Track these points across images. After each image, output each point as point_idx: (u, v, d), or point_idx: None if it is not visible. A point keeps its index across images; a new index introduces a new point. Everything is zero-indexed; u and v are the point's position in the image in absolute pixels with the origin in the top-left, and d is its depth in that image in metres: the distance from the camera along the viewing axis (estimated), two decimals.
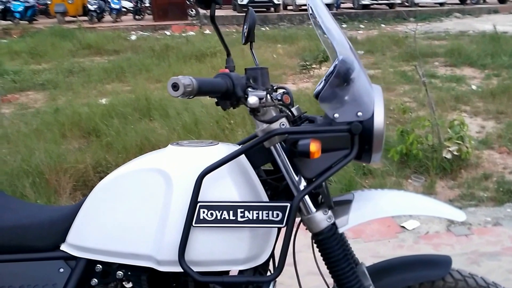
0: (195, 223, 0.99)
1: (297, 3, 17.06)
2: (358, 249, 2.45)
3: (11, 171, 3.05)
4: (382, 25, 14.17)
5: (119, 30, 13.60)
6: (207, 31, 13.35)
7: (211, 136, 3.89)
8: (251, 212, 0.99)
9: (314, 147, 0.95)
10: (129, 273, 1.06)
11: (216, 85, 0.93)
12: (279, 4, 17.46)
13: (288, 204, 1.00)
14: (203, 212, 0.99)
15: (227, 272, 1.06)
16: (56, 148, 3.57)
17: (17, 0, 16.53)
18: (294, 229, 1.11)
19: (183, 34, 12.20)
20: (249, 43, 1.23)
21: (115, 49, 10.23)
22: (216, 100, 1.04)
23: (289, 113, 1.07)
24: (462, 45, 8.71)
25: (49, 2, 17.46)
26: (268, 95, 1.00)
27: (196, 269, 0.99)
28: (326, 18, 1.08)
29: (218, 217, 0.99)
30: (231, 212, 0.99)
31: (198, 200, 0.99)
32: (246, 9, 1.18)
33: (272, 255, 1.09)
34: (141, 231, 1.02)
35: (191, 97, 0.86)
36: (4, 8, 16.27)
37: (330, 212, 1.04)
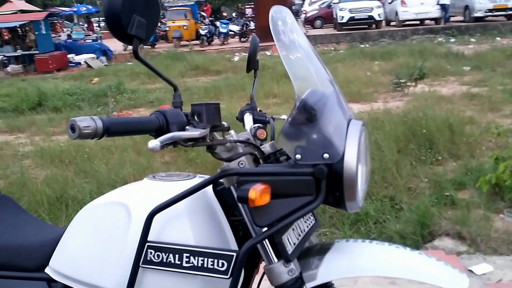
0: (142, 264, 0.95)
1: (400, 19, 16.39)
2: None
3: (103, 180, 3.51)
4: (497, 39, 12.86)
5: (224, 52, 14.53)
6: None
7: None
8: (196, 258, 0.92)
9: (254, 194, 0.83)
10: None
11: (141, 124, 0.86)
12: (381, 20, 16.96)
13: (234, 254, 0.91)
14: (151, 253, 0.95)
15: None
16: (145, 161, 4.00)
17: None
18: (258, 278, 1.05)
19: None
20: (253, 71, 1.24)
21: (218, 70, 10.96)
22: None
23: (254, 150, 0.99)
24: None
25: (167, 29, 19.41)
26: (232, 132, 0.97)
27: None
28: (298, 44, 1.01)
29: (164, 260, 0.94)
30: (177, 256, 0.93)
31: (149, 239, 0.95)
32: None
33: None
34: (103, 264, 1.01)
35: (97, 138, 0.79)
36: None
37: (292, 265, 0.93)
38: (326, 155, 0.88)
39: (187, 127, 0.91)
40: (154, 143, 0.81)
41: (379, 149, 3.82)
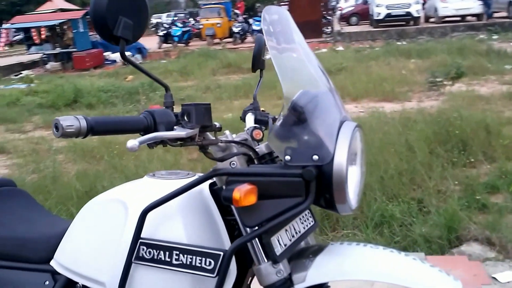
0: (134, 260, 0.98)
1: (439, 15, 15.83)
2: None
3: (131, 176, 3.58)
4: None
5: None
6: (340, 48, 13.36)
7: None
8: (185, 256, 0.94)
9: (238, 194, 0.85)
10: None
11: (128, 124, 0.87)
12: (419, 17, 16.44)
13: (221, 253, 0.92)
14: (143, 249, 0.97)
15: None
16: (173, 158, 4.05)
17: (176, 26, 19.12)
18: (249, 278, 1.05)
19: (315, 52, 12.42)
20: (259, 70, 1.25)
21: (250, 68, 10.94)
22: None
23: (249, 151, 1.00)
24: None
25: (201, 27, 19.68)
26: (227, 133, 0.98)
27: None
28: (293, 44, 1.00)
29: (155, 257, 0.96)
30: (167, 253, 0.95)
31: (142, 236, 0.97)
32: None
33: None
34: (101, 258, 1.04)
35: (81, 137, 0.81)
36: (166, 33, 18.91)
37: (281, 266, 0.93)
38: (315, 157, 0.87)
39: (175, 127, 0.91)
40: (132, 142, 0.82)
41: (409, 150, 3.71)
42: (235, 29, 18.47)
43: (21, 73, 14.01)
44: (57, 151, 4.86)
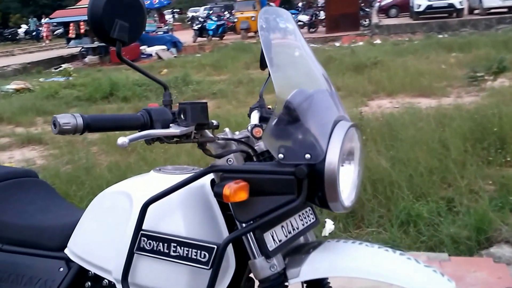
0: (136, 250, 1.02)
1: (484, 6, 15.11)
2: None
3: None
4: None
5: None
6: (377, 41, 13.03)
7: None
8: (182, 248, 0.98)
9: (228, 190, 0.88)
10: (111, 282, 1.12)
11: (125, 121, 0.91)
12: (462, 8, 15.76)
13: (215, 247, 0.95)
14: (144, 240, 1.01)
15: None
16: (200, 152, 4.08)
17: (211, 20, 19.28)
18: (249, 272, 1.06)
19: (352, 45, 12.19)
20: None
21: None
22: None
23: (247, 148, 1.02)
24: None
25: (236, 20, 19.75)
26: (227, 130, 1.01)
27: None
28: (291, 44, 1.01)
29: (155, 248, 1.00)
30: (165, 245, 0.99)
31: (144, 228, 1.01)
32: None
33: None
34: (107, 247, 1.09)
35: (78, 134, 0.85)
36: (201, 27, 19.11)
37: (274, 261, 0.95)
38: (307, 156, 0.89)
39: (171, 125, 0.94)
40: (122, 139, 0.85)
41: (442, 147, 3.58)
42: None
43: (60, 67, 14.57)
44: (91, 143, 5.03)
